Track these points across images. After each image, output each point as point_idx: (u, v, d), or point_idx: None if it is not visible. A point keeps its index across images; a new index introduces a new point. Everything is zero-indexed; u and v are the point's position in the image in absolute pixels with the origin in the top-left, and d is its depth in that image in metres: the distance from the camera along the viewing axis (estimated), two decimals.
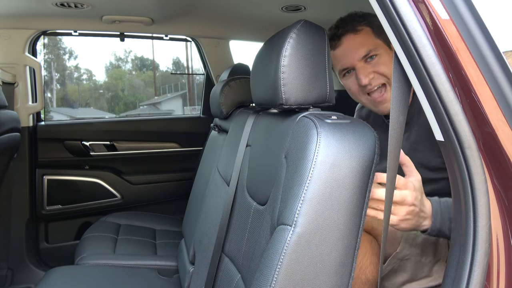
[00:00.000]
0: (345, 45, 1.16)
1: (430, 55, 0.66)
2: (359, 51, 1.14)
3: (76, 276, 1.51)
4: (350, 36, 1.15)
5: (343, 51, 1.17)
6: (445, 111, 0.66)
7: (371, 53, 1.13)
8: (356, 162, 0.73)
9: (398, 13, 0.67)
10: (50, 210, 2.26)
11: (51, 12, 1.88)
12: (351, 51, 1.15)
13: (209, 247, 1.21)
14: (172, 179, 2.53)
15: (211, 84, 2.62)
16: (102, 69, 9.53)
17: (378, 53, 1.13)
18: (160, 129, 2.59)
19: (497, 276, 0.69)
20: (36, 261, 2.16)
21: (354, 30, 1.15)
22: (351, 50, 1.15)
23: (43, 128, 2.29)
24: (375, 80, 1.14)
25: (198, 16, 2.13)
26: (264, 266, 0.74)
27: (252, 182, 1.07)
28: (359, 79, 1.14)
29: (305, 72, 0.87)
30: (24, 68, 2.13)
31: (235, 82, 1.73)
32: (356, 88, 1.18)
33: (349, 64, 1.16)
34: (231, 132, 1.48)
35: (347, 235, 0.73)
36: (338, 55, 1.18)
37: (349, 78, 1.20)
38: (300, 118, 0.84)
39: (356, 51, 1.14)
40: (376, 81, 1.14)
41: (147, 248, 1.84)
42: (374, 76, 1.14)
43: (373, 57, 1.13)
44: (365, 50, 1.13)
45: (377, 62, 1.13)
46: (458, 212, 0.72)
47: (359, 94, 1.20)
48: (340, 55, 1.18)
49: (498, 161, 0.67)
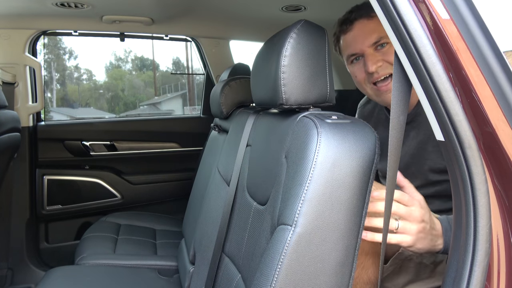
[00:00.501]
0: (356, 30, 1.13)
1: (431, 55, 0.66)
2: (370, 37, 1.10)
3: (76, 276, 1.51)
4: (363, 22, 1.12)
5: (353, 36, 1.14)
6: (446, 111, 0.66)
7: (381, 40, 1.10)
8: (357, 162, 0.73)
9: (398, 13, 0.67)
10: (50, 210, 2.26)
11: (51, 12, 1.88)
12: (362, 36, 1.12)
13: (209, 247, 1.21)
14: (172, 179, 2.53)
15: (211, 84, 2.62)
16: (102, 69, 9.53)
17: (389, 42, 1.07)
18: (160, 129, 2.59)
19: (498, 276, 0.69)
20: (36, 261, 2.16)
21: (368, 16, 1.11)
22: (362, 36, 1.12)
23: (43, 128, 2.29)
24: (383, 69, 1.11)
25: (198, 16, 2.13)
26: (265, 266, 0.74)
27: (252, 182, 1.07)
28: (366, 66, 1.12)
29: (305, 72, 0.86)
30: (24, 68, 2.13)
31: (235, 82, 1.73)
32: (363, 76, 1.15)
33: (359, 50, 1.13)
34: (231, 132, 1.48)
35: (347, 235, 0.73)
36: (348, 40, 1.16)
37: (356, 65, 1.17)
38: (301, 118, 0.84)
39: (367, 37, 1.11)
40: (383, 70, 1.11)
41: (147, 248, 1.84)
42: (382, 65, 1.11)
43: (383, 45, 1.10)
44: (376, 37, 1.10)
45: (387, 50, 1.10)
46: (458, 212, 0.72)
47: (364, 83, 1.17)
48: (350, 40, 1.15)
49: (498, 161, 0.67)
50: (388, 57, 1.10)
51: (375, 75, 1.12)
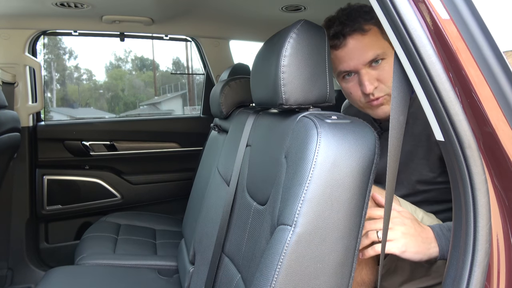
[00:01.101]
0: (350, 46, 1.05)
1: (430, 55, 0.66)
2: (366, 55, 1.04)
3: (76, 276, 1.51)
4: (357, 37, 1.04)
5: (347, 53, 1.06)
6: (445, 111, 0.66)
7: (378, 57, 1.04)
8: (356, 162, 0.73)
9: (398, 12, 0.67)
10: (50, 210, 2.26)
11: (51, 12, 1.88)
12: (357, 54, 1.04)
13: (209, 247, 1.21)
14: (172, 179, 2.53)
15: (211, 84, 2.62)
16: (102, 69, 9.54)
17: (385, 58, 1.05)
18: (160, 129, 2.59)
19: (498, 276, 0.69)
20: (36, 261, 2.16)
21: (362, 30, 1.04)
22: (356, 54, 1.05)
23: (43, 128, 2.29)
24: (378, 91, 1.06)
25: (198, 16, 2.13)
26: (264, 266, 0.74)
27: (252, 182, 1.07)
28: (363, 85, 1.05)
29: (305, 72, 0.86)
30: (24, 68, 2.13)
31: (235, 82, 1.73)
32: (358, 94, 1.09)
33: (353, 67, 1.06)
34: (231, 132, 1.48)
35: (347, 235, 0.73)
36: (341, 56, 1.07)
37: (350, 82, 1.10)
38: (300, 118, 0.84)
39: (363, 55, 1.04)
40: (379, 93, 1.06)
41: (147, 248, 1.84)
42: (378, 86, 1.06)
43: (378, 61, 1.05)
44: (372, 55, 1.03)
45: (383, 67, 1.05)
46: (458, 212, 0.72)
47: (360, 101, 1.11)
48: (343, 56, 1.07)
49: (498, 161, 0.67)
50: (383, 74, 1.05)
51: (371, 96, 1.07)
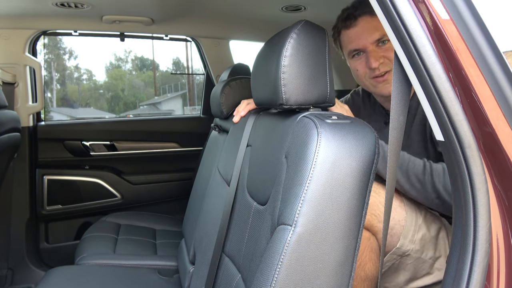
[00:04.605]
0: (360, 26, 1.17)
1: (430, 55, 0.66)
2: (374, 34, 1.15)
3: (76, 276, 1.51)
4: (367, 18, 1.17)
5: (357, 32, 1.18)
6: (445, 111, 0.66)
7: (384, 38, 1.15)
8: (356, 162, 0.73)
9: (398, 13, 0.67)
10: (50, 210, 2.26)
11: (51, 12, 1.88)
12: (366, 33, 1.17)
13: (209, 247, 1.22)
14: (172, 179, 2.53)
15: (211, 84, 2.62)
16: (102, 69, 9.55)
17: None
18: (160, 129, 2.59)
19: (497, 276, 0.69)
20: (36, 261, 2.16)
21: (371, 13, 1.16)
22: (365, 32, 1.17)
23: (43, 128, 2.29)
24: (384, 66, 1.17)
25: (198, 16, 2.13)
26: (265, 266, 0.74)
27: (252, 182, 1.07)
28: (369, 62, 1.17)
29: (305, 72, 0.87)
30: (24, 68, 2.13)
31: (235, 82, 1.73)
32: (364, 70, 1.21)
33: (362, 45, 1.18)
34: (231, 132, 1.48)
35: (347, 235, 0.73)
36: (351, 35, 1.20)
37: (358, 60, 1.22)
38: (301, 118, 0.84)
39: (371, 34, 1.16)
40: (384, 67, 1.17)
41: (147, 248, 1.84)
42: (383, 62, 1.16)
43: (385, 42, 1.16)
44: (379, 34, 1.15)
45: (389, 47, 1.16)
46: (458, 212, 0.72)
47: (365, 77, 1.22)
48: (353, 35, 1.19)
49: (498, 161, 0.67)
50: (388, 54, 1.16)
51: (376, 71, 1.17)
